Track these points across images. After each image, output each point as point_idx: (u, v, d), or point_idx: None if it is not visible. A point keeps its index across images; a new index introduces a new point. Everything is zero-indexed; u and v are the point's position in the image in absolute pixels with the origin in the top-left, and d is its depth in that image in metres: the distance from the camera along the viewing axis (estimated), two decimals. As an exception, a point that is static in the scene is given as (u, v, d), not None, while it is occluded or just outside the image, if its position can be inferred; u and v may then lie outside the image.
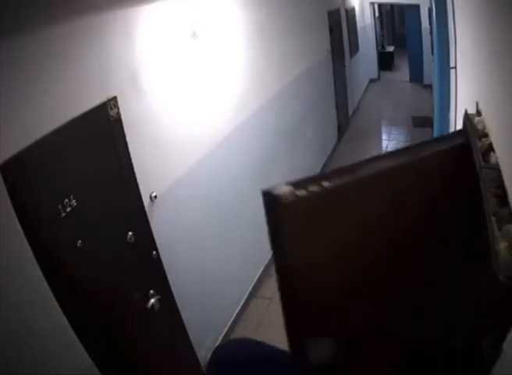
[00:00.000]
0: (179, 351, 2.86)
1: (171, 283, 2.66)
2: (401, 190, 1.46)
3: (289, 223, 1.39)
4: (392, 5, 14.40)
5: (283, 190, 1.35)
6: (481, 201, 1.21)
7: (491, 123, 1.36)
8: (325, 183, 1.37)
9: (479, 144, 1.31)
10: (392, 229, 1.52)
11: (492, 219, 1.05)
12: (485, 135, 1.35)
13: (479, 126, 1.41)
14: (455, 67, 3.00)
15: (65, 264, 1.89)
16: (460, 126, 1.83)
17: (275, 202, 1.35)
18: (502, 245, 0.96)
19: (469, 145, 1.44)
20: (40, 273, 1.75)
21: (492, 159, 1.23)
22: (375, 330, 1.59)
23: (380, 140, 7.90)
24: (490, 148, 1.27)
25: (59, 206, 1.85)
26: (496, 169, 1.17)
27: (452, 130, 3.15)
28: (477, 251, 1.38)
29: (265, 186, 1.34)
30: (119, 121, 2.24)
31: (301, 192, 1.35)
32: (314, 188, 1.37)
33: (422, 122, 7.49)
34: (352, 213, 1.46)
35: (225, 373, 1.53)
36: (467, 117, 1.60)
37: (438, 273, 1.65)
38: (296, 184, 1.37)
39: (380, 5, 13.10)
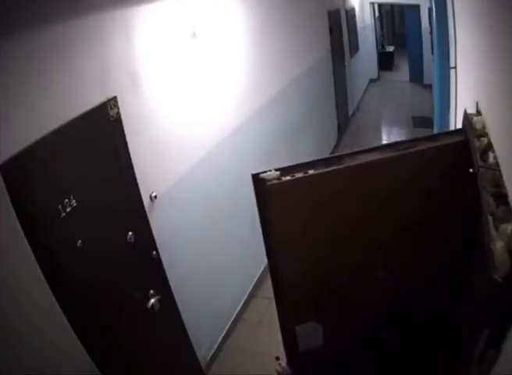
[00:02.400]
0: (179, 351, 2.85)
1: (171, 283, 2.66)
2: (391, 181, 1.57)
3: (273, 203, 1.58)
4: (392, 5, 14.37)
5: (270, 174, 1.55)
6: (479, 200, 1.20)
7: (491, 122, 1.35)
8: (311, 171, 1.57)
9: (477, 143, 1.31)
10: (382, 217, 1.63)
11: (489, 218, 1.03)
12: (484, 135, 1.34)
13: (478, 126, 1.40)
14: (455, 67, 3.00)
15: (66, 264, 1.89)
16: (460, 126, 1.83)
17: (261, 184, 1.55)
18: (498, 245, 0.93)
19: (467, 144, 1.45)
20: (40, 273, 1.75)
21: (490, 159, 1.21)
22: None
23: (380, 140, 7.89)
24: (488, 147, 1.26)
25: (59, 206, 1.85)
26: (494, 168, 1.16)
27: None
28: (475, 249, 1.37)
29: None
30: (119, 121, 2.24)
31: (286, 177, 1.55)
32: (299, 175, 1.56)
33: (422, 122, 7.48)
34: (336, 197, 1.62)
35: None
36: (466, 117, 1.60)
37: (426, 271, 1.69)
38: (283, 170, 1.56)
39: (380, 5, 13.08)
